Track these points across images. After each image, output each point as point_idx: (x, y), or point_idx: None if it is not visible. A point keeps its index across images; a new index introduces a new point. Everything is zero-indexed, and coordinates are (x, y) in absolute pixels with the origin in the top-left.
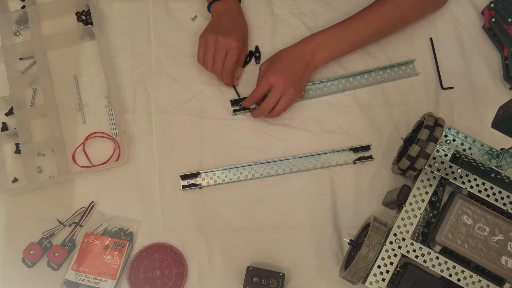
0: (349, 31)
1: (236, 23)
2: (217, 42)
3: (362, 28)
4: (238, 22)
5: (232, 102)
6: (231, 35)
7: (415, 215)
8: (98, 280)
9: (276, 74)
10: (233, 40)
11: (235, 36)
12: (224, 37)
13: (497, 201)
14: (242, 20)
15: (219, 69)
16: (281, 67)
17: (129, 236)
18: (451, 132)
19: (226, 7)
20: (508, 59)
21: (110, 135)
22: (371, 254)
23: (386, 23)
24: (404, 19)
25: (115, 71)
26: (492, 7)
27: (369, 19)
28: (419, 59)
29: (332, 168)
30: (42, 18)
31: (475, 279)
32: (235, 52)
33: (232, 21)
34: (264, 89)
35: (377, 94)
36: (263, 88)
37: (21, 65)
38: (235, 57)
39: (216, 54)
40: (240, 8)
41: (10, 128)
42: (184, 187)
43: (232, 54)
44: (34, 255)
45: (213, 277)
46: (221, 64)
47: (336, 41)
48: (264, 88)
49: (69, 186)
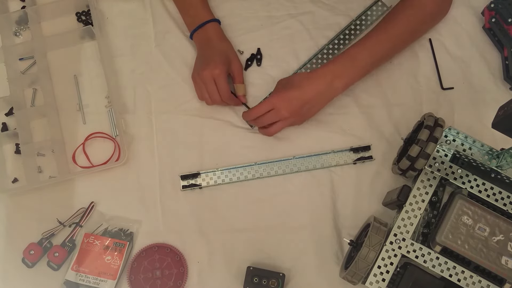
0: (364, 54)
1: (215, 48)
2: (201, 77)
3: (377, 49)
4: (218, 46)
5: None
6: (209, 64)
7: (415, 215)
8: (98, 280)
9: (282, 100)
10: (212, 68)
11: (213, 63)
12: (204, 69)
13: (497, 201)
14: (223, 42)
15: (218, 100)
16: (292, 94)
17: (129, 237)
18: (451, 132)
19: (205, 35)
20: (508, 59)
21: (110, 135)
22: (371, 254)
23: (399, 39)
24: (416, 31)
25: (115, 71)
26: (492, 7)
27: (382, 38)
28: (419, 59)
29: (332, 169)
30: (42, 19)
31: (475, 280)
32: (221, 77)
33: (212, 48)
34: (265, 110)
35: (377, 94)
36: (264, 108)
37: (21, 65)
38: (224, 81)
39: (207, 88)
40: (220, 30)
41: (10, 129)
42: (184, 187)
43: (220, 80)
44: (34, 255)
45: (213, 277)
46: (217, 95)
47: (354, 66)
48: (265, 108)
49: (69, 186)
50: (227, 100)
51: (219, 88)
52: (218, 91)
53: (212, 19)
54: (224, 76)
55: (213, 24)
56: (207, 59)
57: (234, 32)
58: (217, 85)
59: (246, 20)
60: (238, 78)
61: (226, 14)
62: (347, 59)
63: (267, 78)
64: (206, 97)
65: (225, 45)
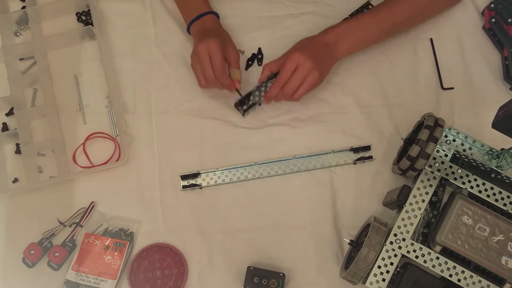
0: (371, 22)
1: (213, 32)
2: (198, 54)
3: (384, 17)
4: (216, 31)
5: (237, 104)
6: (207, 39)
7: (415, 215)
8: (98, 280)
9: (303, 54)
10: (207, 41)
11: (209, 38)
12: (199, 43)
13: (497, 202)
14: (220, 30)
15: (212, 76)
16: (307, 49)
17: (130, 236)
18: (451, 132)
19: (202, 26)
20: (508, 59)
21: (111, 135)
22: (371, 254)
23: (408, 13)
24: (427, 7)
25: (115, 71)
26: (492, 8)
27: (391, 9)
28: (420, 59)
29: (332, 168)
30: (43, 19)
31: (475, 280)
32: (217, 51)
33: (210, 32)
34: (291, 69)
35: (377, 94)
36: (291, 66)
37: (22, 65)
38: (219, 55)
39: (201, 64)
40: (218, 22)
41: (10, 129)
42: (184, 187)
43: (214, 53)
44: (34, 255)
45: (213, 277)
46: (210, 70)
47: (358, 32)
48: (291, 67)
49: (70, 186)
50: (220, 75)
51: (213, 63)
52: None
53: (210, 11)
54: (219, 50)
55: (211, 15)
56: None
57: (235, 32)
58: (211, 60)
59: (247, 20)
60: (234, 64)
61: (227, 14)
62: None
63: None
64: (200, 77)
65: (223, 32)
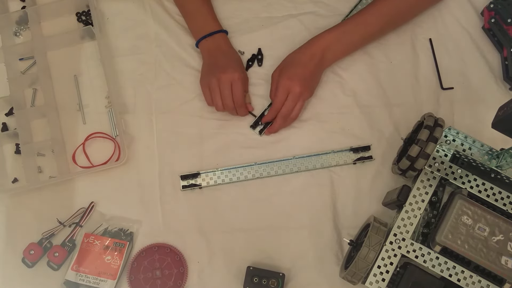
0: (357, 27)
1: (229, 56)
2: (219, 80)
3: (370, 21)
4: (231, 55)
5: (253, 127)
6: (229, 68)
7: (415, 215)
8: (98, 280)
9: (291, 80)
10: (233, 72)
11: (233, 68)
12: (225, 73)
13: (497, 201)
14: (234, 52)
15: (231, 105)
16: (294, 72)
17: (129, 236)
18: (451, 132)
19: (215, 44)
20: (507, 59)
21: (110, 135)
22: (371, 254)
23: (394, 14)
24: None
25: (115, 71)
26: (492, 8)
27: (376, 12)
28: (419, 59)
29: (332, 169)
30: (42, 19)
31: (475, 279)
32: (239, 82)
33: (225, 55)
34: (283, 98)
35: (377, 94)
36: (282, 96)
37: (21, 65)
38: (241, 87)
39: (222, 92)
40: (228, 41)
41: (10, 129)
42: (184, 187)
43: (237, 85)
44: (34, 255)
45: (213, 277)
46: (231, 100)
47: (345, 39)
48: (283, 96)
49: (69, 186)
50: (239, 106)
51: (234, 94)
52: (232, 97)
53: (222, 30)
54: (242, 82)
55: (222, 34)
56: (224, 64)
57: (235, 33)
58: (232, 90)
59: (247, 21)
60: (246, 89)
61: (227, 15)
62: (340, 31)
63: (268, 78)
64: (218, 102)
65: (238, 55)
